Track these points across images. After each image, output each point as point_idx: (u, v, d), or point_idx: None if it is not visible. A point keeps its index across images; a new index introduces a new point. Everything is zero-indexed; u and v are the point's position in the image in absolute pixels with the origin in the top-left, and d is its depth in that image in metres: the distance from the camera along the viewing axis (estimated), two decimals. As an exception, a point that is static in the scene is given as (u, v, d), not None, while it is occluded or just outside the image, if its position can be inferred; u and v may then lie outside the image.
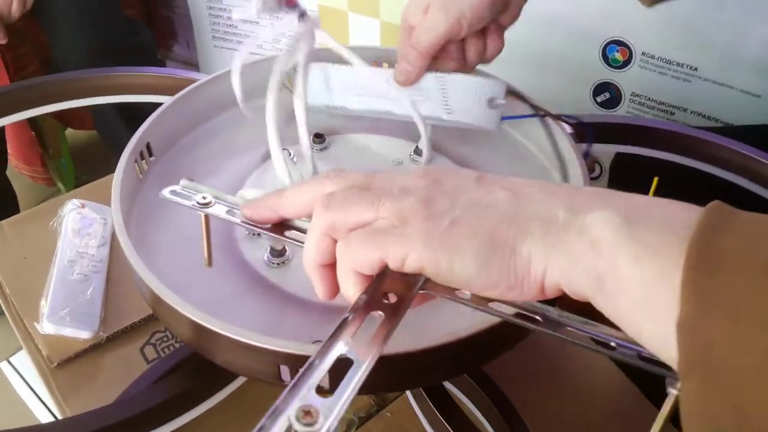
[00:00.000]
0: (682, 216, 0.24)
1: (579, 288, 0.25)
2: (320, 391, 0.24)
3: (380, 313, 0.28)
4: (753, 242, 0.22)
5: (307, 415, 0.23)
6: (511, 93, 0.53)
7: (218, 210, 0.37)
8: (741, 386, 0.20)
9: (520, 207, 0.27)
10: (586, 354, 0.60)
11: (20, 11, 0.99)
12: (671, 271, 0.22)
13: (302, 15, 0.46)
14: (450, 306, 0.44)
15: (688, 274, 0.22)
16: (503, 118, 0.53)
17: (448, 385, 0.50)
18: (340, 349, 0.26)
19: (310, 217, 0.31)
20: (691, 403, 0.22)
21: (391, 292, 0.28)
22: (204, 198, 0.37)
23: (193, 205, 0.37)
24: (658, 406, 0.56)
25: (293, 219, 0.34)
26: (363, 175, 0.31)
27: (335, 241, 0.30)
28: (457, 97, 0.52)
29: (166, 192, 0.38)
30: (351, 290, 0.30)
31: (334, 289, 0.31)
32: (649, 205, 0.25)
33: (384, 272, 0.29)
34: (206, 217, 0.38)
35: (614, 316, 0.25)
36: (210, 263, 0.42)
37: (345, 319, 0.28)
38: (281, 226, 0.35)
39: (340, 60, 0.52)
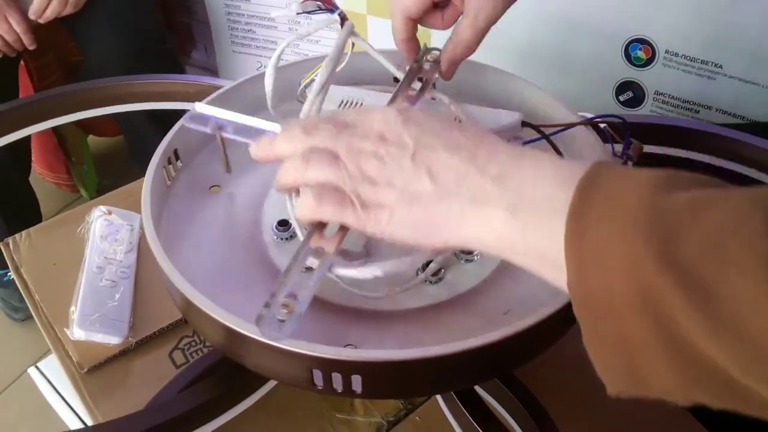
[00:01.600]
0: (563, 195, 0.30)
1: (486, 247, 0.33)
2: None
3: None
4: (614, 212, 0.28)
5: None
6: (525, 124, 0.52)
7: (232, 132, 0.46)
8: (616, 319, 0.28)
9: (439, 197, 0.33)
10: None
11: (58, 12, 0.99)
12: (551, 246, 0.30)
13: (343, 18, 0.47)
14: (481, 310, 0.44)
15: (567, 246, 0.29)
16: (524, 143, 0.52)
17: (479, 390, 0.50)
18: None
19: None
20: (586, 334, 0.30)
21: None
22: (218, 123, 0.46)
23: (212, 129, 0.46)
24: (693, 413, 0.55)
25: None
26: (330, 139, 0.37)
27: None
28: None
29: (186, 120, 0.47)
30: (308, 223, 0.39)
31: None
32: (538, 190, 0.31)
33: None
34: (221, 137, 0.47)
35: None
36: (229, 170, 0.52)
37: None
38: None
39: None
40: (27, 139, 1.18)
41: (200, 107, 0.47)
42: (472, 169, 0.33)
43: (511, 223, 0.31)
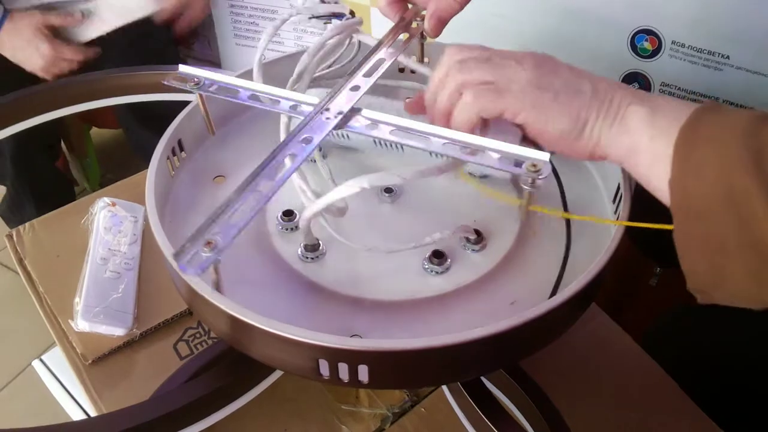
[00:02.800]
0: (685, 111, 0.36)
1: (615, 156, 0.39)
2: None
3: None
4: (720, 127, 0.34)
5: None
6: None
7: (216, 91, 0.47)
8: (706, 219, 0.33)
9: (595, 97, 0.39)
10: (623, 351, 0.59)
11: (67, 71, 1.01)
12: (669, 149, 0.35)
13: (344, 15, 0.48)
14: (487, 301, 0.44)
15: (676, 150, 0.35)
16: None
17: (486, 382, 0.50)
18: None
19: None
20: (678, 231, 0.34)
21: None
22: (196, 80, 0.48)
23: (190, 87, 0.47)
24: (697, 401, 0.55)
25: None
26: (483, 51, 0.43)
27: (460, 95, 0.41)
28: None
29: (168, 80, 0.48)
30: (467, 126, 0.41)
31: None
32: (667, 102, 0.37)
33: None
34: (200, 96, 0.50)
35: (634, 173, 0.39)
36: (212, 132, 0.54)
37: None
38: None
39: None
40: (53, 124, 1.21)
41: (184, 68, 0.49)
42: (620, 86, 0.39)
43: (643, 131, 0.37)
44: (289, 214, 0.48)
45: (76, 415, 0.63)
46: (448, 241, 0.46)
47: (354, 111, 0.44)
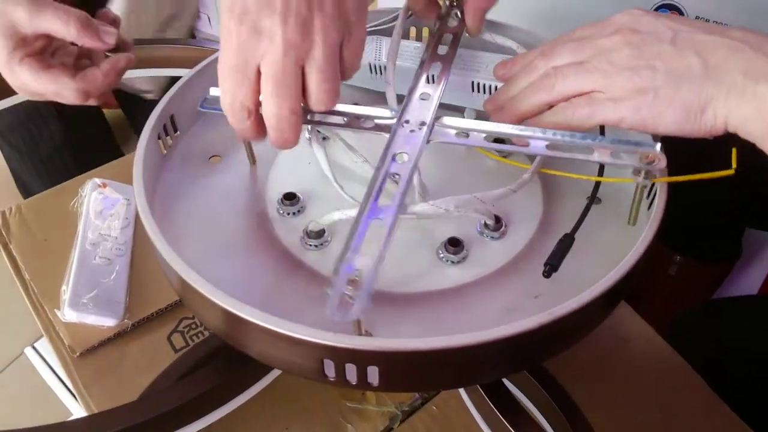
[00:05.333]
0: None
1: (750, 133, 0.33)
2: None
3: None
4: None
5: None
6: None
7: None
8: None
9: (708, 74, 0.34)
10: (647, 346, 0.56)
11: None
12: None
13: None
14: (508, 294, 0.40)
15: None
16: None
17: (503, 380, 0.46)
18: None
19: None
20: None
21: None
22: None
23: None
24: (728, 402, 0.51)
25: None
26: (572, 53, 0.38)
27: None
28: None
29: (202, 106, 0.43)
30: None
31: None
32: None
33: None
34: None
35: None
36: (253, 162, 0.48)
37: None
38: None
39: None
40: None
41: (216, 91, 0.43)
42: (745, 47, 0.33)
43: None
44: (291, 197, 0.44)
45: (70, 404, 0.60)
46: (465, 226, 0.43)
47: (436, 119, 0.41)
